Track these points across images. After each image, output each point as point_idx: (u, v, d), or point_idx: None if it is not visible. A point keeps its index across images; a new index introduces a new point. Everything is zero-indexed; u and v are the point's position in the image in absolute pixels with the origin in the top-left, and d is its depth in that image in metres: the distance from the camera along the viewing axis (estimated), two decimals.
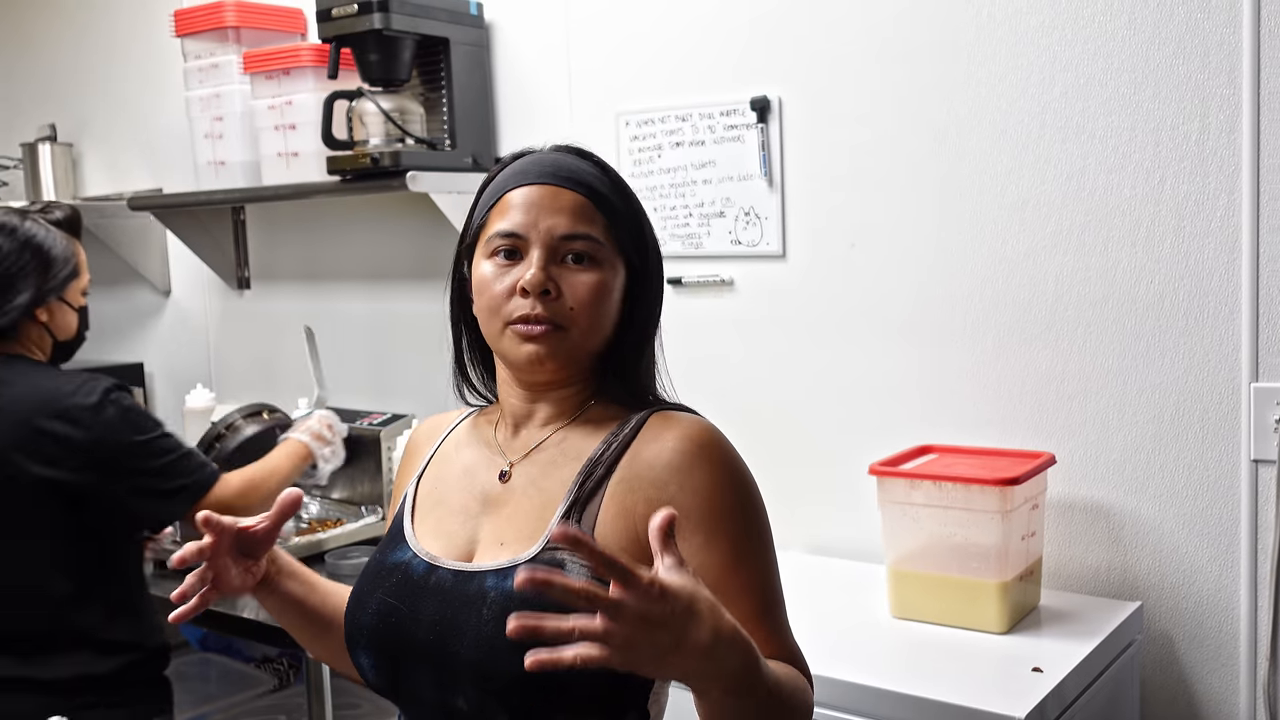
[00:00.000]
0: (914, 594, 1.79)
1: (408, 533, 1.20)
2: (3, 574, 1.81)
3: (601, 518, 1.10)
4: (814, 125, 2.13)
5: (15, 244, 1.89)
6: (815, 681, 1.57)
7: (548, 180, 1.15)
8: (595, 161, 1.20)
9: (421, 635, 1.11)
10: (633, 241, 1.19)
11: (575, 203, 1.15)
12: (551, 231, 1.13)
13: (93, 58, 3.42)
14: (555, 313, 1.13)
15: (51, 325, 1.93)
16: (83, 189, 3.49)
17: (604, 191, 1.17)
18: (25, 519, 1.79)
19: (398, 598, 1.14)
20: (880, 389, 2.10)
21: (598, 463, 1.13)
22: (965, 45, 1.95)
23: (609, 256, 1.16)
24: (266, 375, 3.12)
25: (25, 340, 1.91)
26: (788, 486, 2.18)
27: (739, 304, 2.25)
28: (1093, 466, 1.91)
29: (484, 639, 1.06)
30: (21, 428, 1.78)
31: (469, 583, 1.10)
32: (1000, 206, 1.95)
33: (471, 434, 1.27)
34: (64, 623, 1.81)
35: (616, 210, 1.17)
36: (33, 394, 1.81)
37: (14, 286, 1.87)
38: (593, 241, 1.14)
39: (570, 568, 1.06)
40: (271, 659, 2.84)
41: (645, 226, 1.22)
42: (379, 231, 2.81)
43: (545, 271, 1.12)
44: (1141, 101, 1.82)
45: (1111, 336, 1.88)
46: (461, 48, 2.45)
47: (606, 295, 1.15)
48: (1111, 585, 1.91)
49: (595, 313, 1.14)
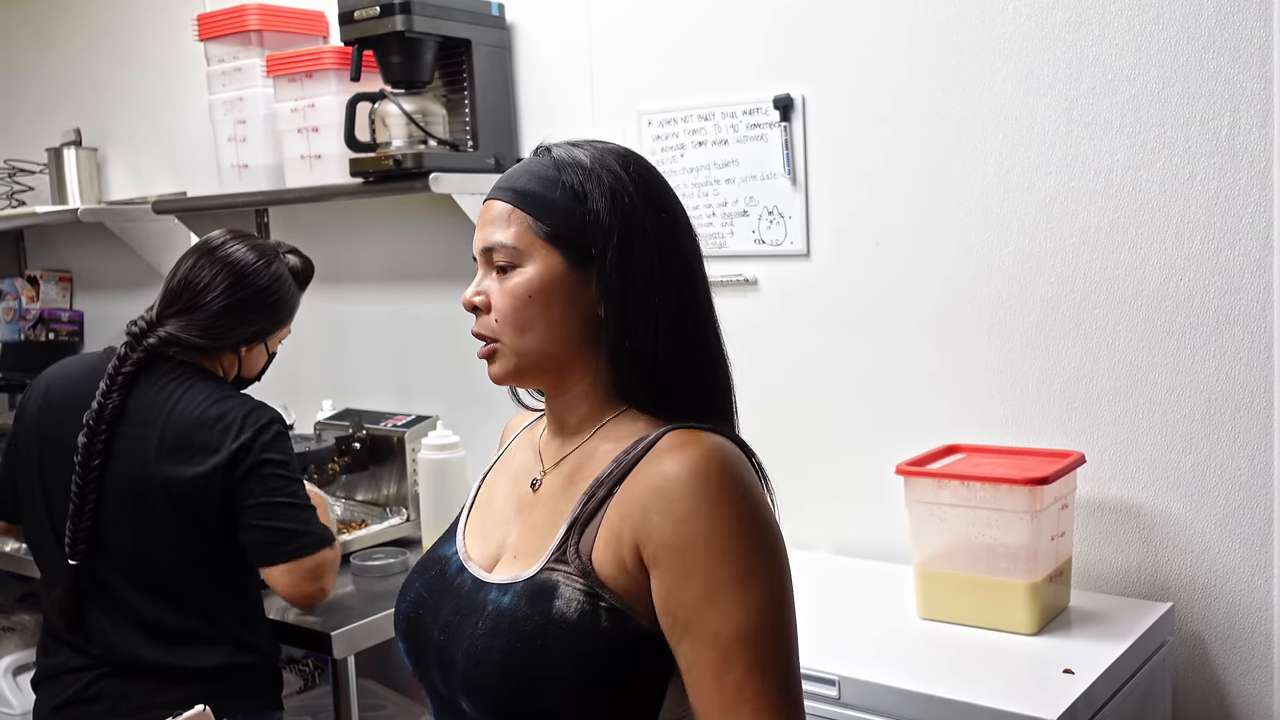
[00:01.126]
0: (942, 595, 1.77)
1: (460, 529, 1.22)
2: (159, 573, 1.83)
3: (599, 541, 1.05)
4: (838, 123, 2.12)
5: (272, 277, 1.93)
6: (843, 683, 1.58)
7: (489, 194, 1.15)
8: (554, 155, 1.14)
9: (435, 633, 1.12)
10: (574, 228, 1.09)
11: (497, 213, 1.13)
12: (479, 246, 1.14)
13: (117, 62, 3.43)
14: (485, 327, 1.13)
15: (245, 360, 1.97)
16: (107, 193, 3.51)
17: (528, 187, 1.11)
18: (186, 523, 1.81)
19: (429, 591, 1.16)
20: (906, 388, 2.09)
21: (602, 483, 1.08)
22: (990, 41, 1.94)
23: (535, 251, 1.10)
24: (291, 377, 3.13)
25: (216, 363, 1.93)
26: (813, 486, 2.17)
27: (763, 304, 2.24)
28: (1122, 466, 1.89)
29: (474, 651, 1.06)
30: (189, 438, 1.80)
31: (478, 592, 1.11)
32: (1027, 204, 1.93)
33: (528, 436, 1.26)
34: (212, 622, 1.84)
35: (541, 201, 1.10)
36: (209, 408, 1.82)
37: (253, 316, 1.92)
38: (507, 248, 1.10)
39: (562, 591, 1.04)
40: (297, 660, 2.85)
41: (609, 212, 1.09)
42: (402, 233, 2.82)
43: (476, 289, 1.13)
44: (1170, 97, 1.79)
45: (1141, 334, 1.86)
46: (483, 49, 2.45)
47: (529, 293, 1.09)
48: (1142, 586, 1.89)
49: (521, 316, 1.10)
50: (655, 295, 1.10)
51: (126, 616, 1.83)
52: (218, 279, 1.89)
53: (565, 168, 1.12)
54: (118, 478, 1.81)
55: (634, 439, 1.10)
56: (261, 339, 1.97)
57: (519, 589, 1.07)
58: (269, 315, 1.95)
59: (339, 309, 2.99)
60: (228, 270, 1.90)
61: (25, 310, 3.75)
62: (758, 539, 1.02)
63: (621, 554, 1.04)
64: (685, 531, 1.01)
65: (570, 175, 1.11)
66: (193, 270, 1.90)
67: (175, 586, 1.83)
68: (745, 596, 1.00)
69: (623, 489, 1.06)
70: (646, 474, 1.05)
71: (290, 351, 3.10)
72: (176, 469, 1.79)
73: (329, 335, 3.02)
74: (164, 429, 1.81)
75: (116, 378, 1.83)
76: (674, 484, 1.02)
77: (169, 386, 1.85)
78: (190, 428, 1.81)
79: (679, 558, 1.01)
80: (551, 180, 1.11)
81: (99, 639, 1.84)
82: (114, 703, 1.82)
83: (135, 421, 1.82)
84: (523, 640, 1.03)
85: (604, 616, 1.02)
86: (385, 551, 2.33)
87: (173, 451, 1.80)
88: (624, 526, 1.04)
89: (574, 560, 1.05)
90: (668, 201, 1.15)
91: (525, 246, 1.10)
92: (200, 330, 1.88)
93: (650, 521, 1.02)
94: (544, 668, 1.02)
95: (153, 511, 1.80)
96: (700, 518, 1.01)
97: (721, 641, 0.99)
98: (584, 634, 1.02)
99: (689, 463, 1.03)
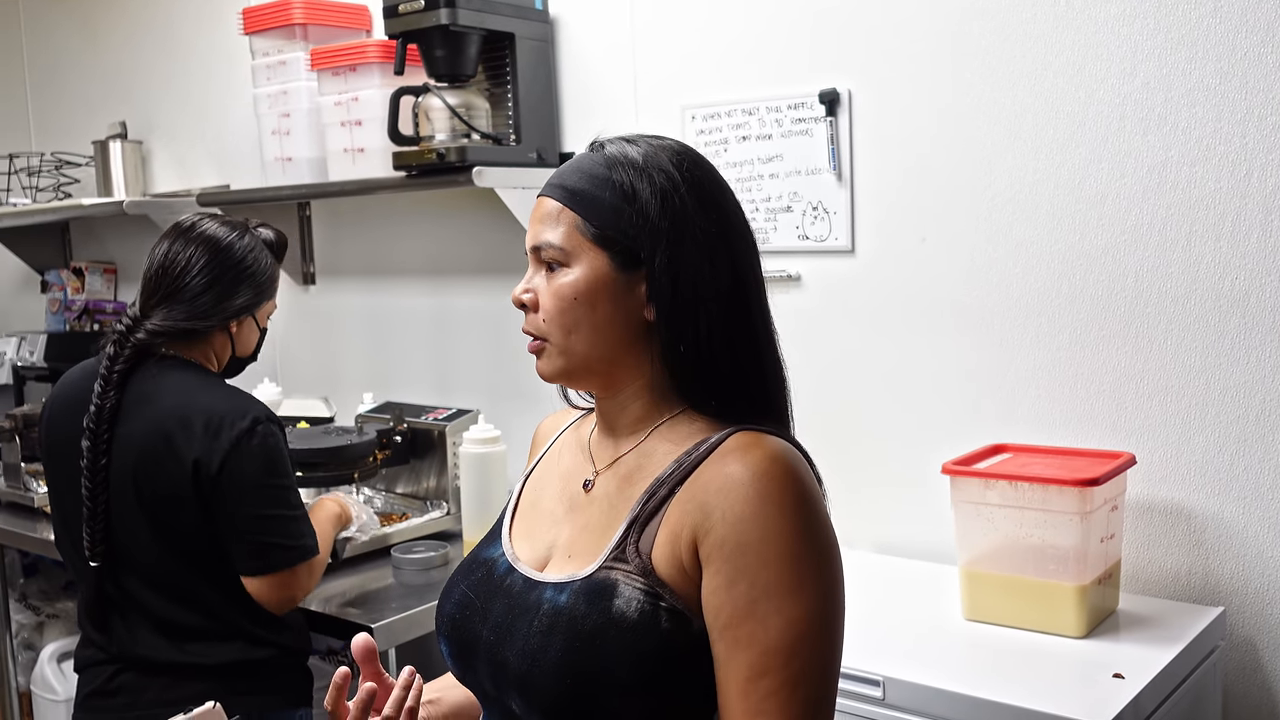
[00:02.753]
0: (988, 596, 1.75)
1: (504, 531, 1.21)
2: (164, 571, 1.83)
3: (659, 539, 1.04)
4: (884, 117, 2.09)
5: (247, 249, 1.91)
6: (888, 684, 1.57)
7: (541, 191, 1.14)
8: (606, 152, 1.12)
9: (485, 634, 1.11)
10: (623, 227, 1.07)
11: (547, 210, 1.11)
12: (529, 244, 1.13)
13: (162, 56, 3.46)
14: (533, 325, 1.12)
15: (237, 339, 1.95)
16: (152, 185, 3.54)
17: (579, 186, 1.10)
18: (171, 523, 1.81)
19: (476, 592, 1.15)
20: (952, 386, 2.06)
21: (663, 482, 1.07)
22: (1041, 35, 1.91)
23: (582, 252, 1.08)
24: (331, 370, 3.15)
25: (208, 348, 1.91)
26: (856, 484, 2.15)
27: (806, 300, 2.22)
28: (1174, 467, 1.86)
29: (529, 651, 1.05)
30: (170, 438, 1.78)
31: (531, 591, 1.10)
32: (1078, 200, 1.90)
33: (574, 436, 1.24)
34: (219, 619, 1.84)
35: (591, 200, 1.09)
36: (188, 406, 1.80)
37: (237, 288, 1.89)
38: (555, 248, 1.09)
39: (622, 589, 1.03)
40: (336, 651, 2.86)
41: (646, 206, 1.07)
42: (444, 227, 2.82)
43: (526, 286, 1.13)
44: (1227, 92, 1.76)
45: (1194, 333, 1.82)
46: (527, 42, 2.45)
47: (575, 294, 1.08)
48: (1193, 590, 1.86)
49: (568, 316, 1.09)
50: (705, 299, 1.08)
51: (140, 614, 1.84)
52: (195, 257, 1.87)
53: (616, 166, 1.10)
54: (119, 477, 1.81)
55: (695, 440, 1.09)
56: (249, 312, 1.93)
57: (576, 588, 1.06)
58: (252, 286, 1.91)
59: (381, 302, 3.00)
60: (203, 246, 1.88)
61: (70, 301, 3.79)
62: (814, 550, 1.01)
63: (680, 553, 1.03)
64: (742, 532, 0.99)
65: (621, 174, 1.09)
66: (169, 254, 1.88)
67: (180, 584, 1.83)
68: (792, 607, 0.98)
69: (684, 488, 1.05)
70: (710, 474, 1.03)
71: (331, 344, 3.13)
72: (157, 471, 1.78)
73: (371, 328, 3.03)
74: (147, 430, 1.80)
75: (110, 377, 1.82)
76: (738, 485, 1.01)
77: (151, 384, 1.83)
78: (169, 429, 1.78)
79: (731, 558, 0.99)
80: (602, 179, 1.10)
81: (117, 637, 1.85)
82: (133, 697, 1.84)
83: (126, 420, 1.82)
84: (581, 639, 1.02)
85: (664, 617, 1.01)
86: (425, 545, 2.34)
87: (152, 453, 1.79)
88: (684, 525, 1.03)
89: (634, 559, 1.04)
90: (721, 201, 1.13)
91: (573, 247, 1.09)
92: (186, 313, 1.85)
93: (710, 520, 1.01)
94: (602, 666, 1.01)
95: (145, 510, 1.80)
96: (759, 520, 0.99)
97: (759, 648, 0.98)
98: (644, 633, 1.01)
99: (754, 464, 1.01)
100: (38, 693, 2.96)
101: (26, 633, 3.22)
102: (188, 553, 1.82)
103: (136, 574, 1.84)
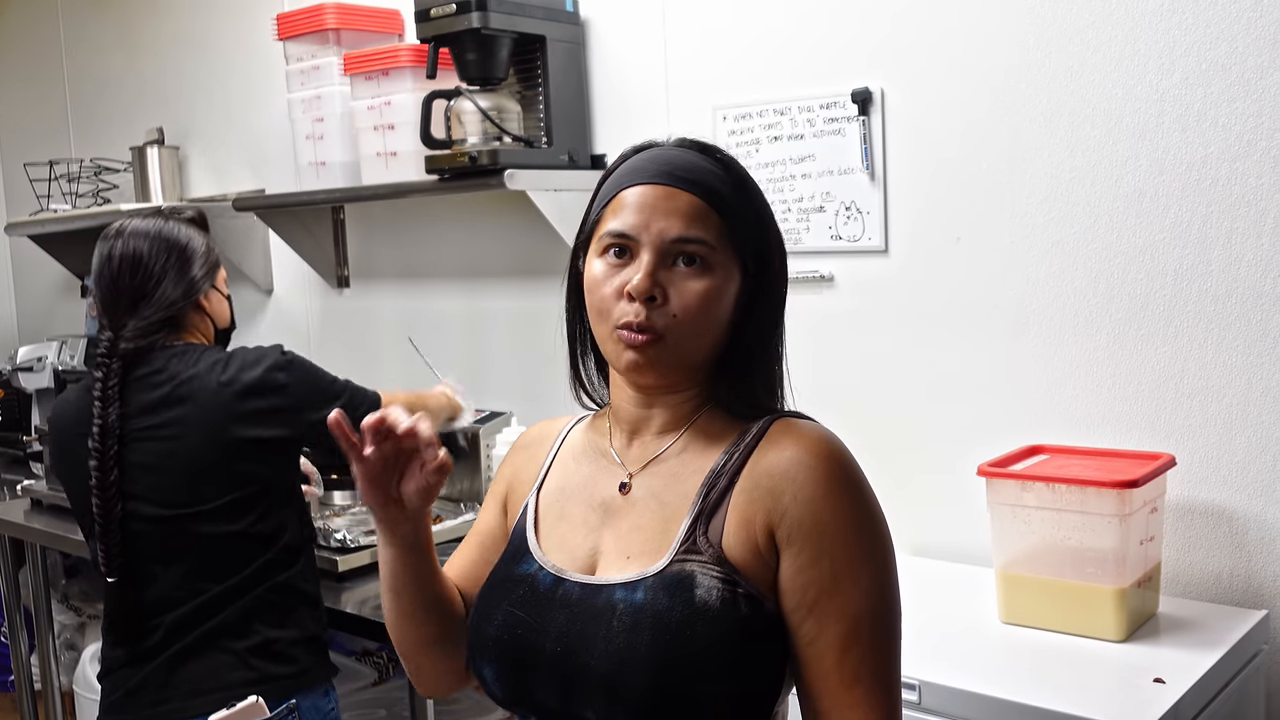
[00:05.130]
0: (1025, 599, 1.73)
1: (532, 545, 1.18)
2: (182, 581, 1.87)
3: (727, 529, 1.07)
4: (917, 116, 2.08)
5: (178, 228, 1.99)
6: (924, 688, 1.55)
7: (663, 180, 1.11)
8: (719, 157, 1.15)
9: (549, 647, 1.09)
10: (752, 244, 1.13)
11: (690, 204, 1.10)
12: (663, 234, 1.09)
13: (198, 63, 3.50)
14: (661, 317, 1.09)
15: (211, 312, 2.02)
16: (189, 190, 3.58)
17: (723, 191, 1.11)
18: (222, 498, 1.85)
19: (524, 610, 1.13)
20: (987, 387, 2.04)
21: (720, 473, 1.10)
22: (1078, 30, 1.89)
23: (723, 261, 1.10)
24: (366, 372, 3.15)
25: (193, 329, 1.99)
26: (891, 486, 2.12)
27: (839, 300, 2.21)
28: (1214, 468, 1.83)
29: (613, 651, 1.05)
30: (231, 398, 1.86)
31: (597, 595, 1.09)
32: (1115, 198, 1.88)
33: (587, 443, 1.23)
34: (254, 598, 1.88)
35: (735, 211, 1.12)
36: (222, 366, 1.89)
37: (190, 264, 1.96)
38: (705, 245, 1.09)
39: (700, 579, 1.04)
40: (371, 652, 2.88)
41: (769, 227, 1.15)
42: (476, 230, 2.83)
43: (653, 277, 1.08)
44: (1269, 87, 1.73)
45: (1235, 332, 1.79)
46: (558, 45, 2.45)
47: (716, 302, 1.10)
48: (1235, 593, 1.83)
49: (702, 320, 1.09)
50: (780, 304, 1.17)
51: (161, 621, 1.87)
52: (142, 253, 1.93)
53: (745, 183, 1.15)
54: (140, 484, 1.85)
55: (735, 432, 1.13)
56: (209, 281, 2.00)
57: (650, 583, 1.06)
58: (201, 257, 1.99)
59: (414, 305, 3.01)
60: (138, 240, 1.94)
61: None
62: (877, 520, 1.08)
63: (755, 538, 1.06)
64: (817, 511, 1.05)
65: (754, 193, 1.15)
66: (116, 262, 1.93)
67: (198, 588, 1.86)
68: (872, 574, 1.06)
69: (744, 476, 1.09)
70: (769, 460, 1.08)
71: (365, 347, 3.14)
72: (239, 429, 1.85)
73: (404, 331, 3.04)
74: (201, 398, 1.85)
75: (107, 392, 1.86)
76: (802, 467, 1.06)
77: (173, 367, 1.88)
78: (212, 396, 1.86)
79: (812, 537, 1.05)
80: (741, 187, 1.14)
81: (140, 643, 1.88)
82: (158, 694, 1.87)
83: (140, 422, 1.85)
84: (670, 632, 1.03)
85: (743, 603, 1.04)
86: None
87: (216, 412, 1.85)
88: (755, 510, 1.07)
89: (706, 549, 1.06)
90: None
91: (720, 249, 1.11)
92: (157, 305, 1.92)
93: (782, 503, 1.06)
94: (693, 656, 1.02)
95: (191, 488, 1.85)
96: (830, 499, 1.06)
97: (848, 619, 1.04)
98: (727, 620, 1.03)
99: (811, 446, 1.08)
100: (80, 692, 3.00)
101: (69, 633, 3.26)
102: (207, 558, 1.85)
103: (154, 586, 1.86)
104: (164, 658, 1.87)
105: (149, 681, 1.88)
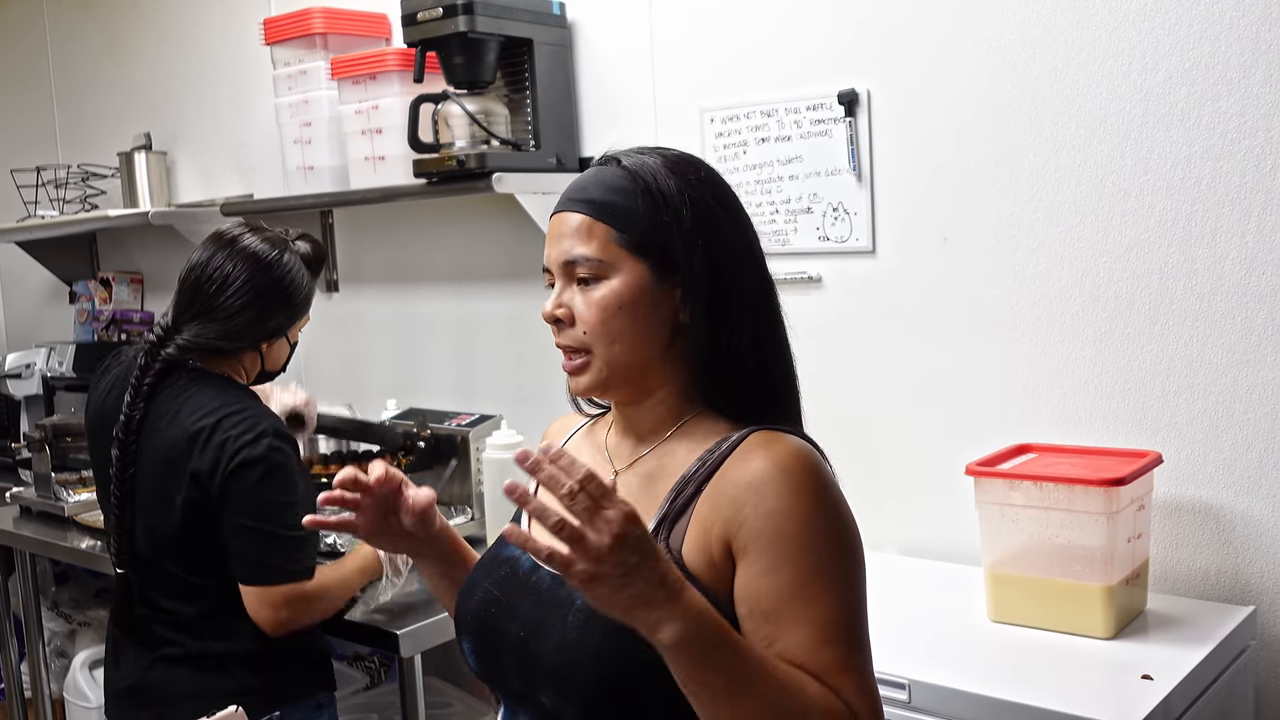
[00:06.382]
0: (1014, 597, 1.74)
1: (524, 528, 1.21)
2: (184, 577, 1.86)
3: (688, 535, 1.09)
4: (904, 117, 2.09)
5: (286, 269, 1.88)
6: (913, 686, 1.56)
7: (562, 207, 1.15)
8: (623, 165, 1.14)
9: (514, 630, 1.14)
10: (659, 240, 1.11)
11: (576, 224, 1.13)
12: (559, 260, 1.14)
13: (185, 68, 3.49)
14: (573, 339, 1.13)
15: (267, 355, 1.94)
16: (176, 195, 3.57)
17: (612, 199, 1.12)
18: (180, 522, 1.82)
19: (501, 590, 1.18)
20: (975, 386, 2.05)
21: (689, 480, 1.11)
22: (1062, 30, 1.90)
23: (621, 263, 1.11)
24: (355, 377, 3.16)
25: (238, 364, 1.91)
26: (880, 487, 2.14)
27: (827, 301, 2.22)
28: (1201, 466, 1.84)
29: (566, 644, 1.08)
30: (186, 445, 1.79)
31: (561, 587, 1.11)
32: (1100, 197, 1.89)
33: (588, 439, 1.28)
34: (234, 613, 1.84)
35: (628, 213, 1.11)
36: (204, 418, 1.80)
37: (272, 310, 1.88)
38: (592, 260, 1.11)
39: None
40: (363, 657, 2.88)
41: (691, 219, 1.12)
42: (465, 233, 2.83)
43: (557, 301, 1.14)
44: (1251, 86, 1.74)
45: (1220, 330, 1.80)
46: (545, 48, 2.45)
47: (619, 307, 1.11)
48: (1222, 589, 1.84)
49: (612, 326, 1.11)
50: (738, 299, 1.13)
51: (164, 615, 1.87)
52: (234, 274, 1.84)
53: (639, 176, 1.13)
54: (144, 485, 1.84)
55: (715, 439, 1.13)
56: (281, 334, 1.93)
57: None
58: (286, 309, 1.90)
59: (403, 309, 3.01)
60: (243, 264, 1.85)
61: (98, 311, 3.83)
62: (844, 534, 1.07)
63: (710, 547, 1.07)
64: (777, 524, 1.04)
65: (647, 183, 1.12)
66: (208, 266, 1.86)
67: (199, 588, 1.85)
68: (838, 583, 1.05)
69: (711, 485, 1.09)
70: (736, 471, 1.08)
71: (355, 351, 3.14)
72: (174, 481, 1.80)
73: (394, 334, 3.04)
74: (163, 442, 1.81)
75: (140, 389, 1.84)
76: (765, 479, 1.06)
77: (179, 399, 1.83)
78: (183, 443, 1.79)
79: (769, 547, 1.04)
80: (629, 190, 1.13)
81: (142, 637, 1.90)
82: (157, 691, 1.87)
83: (151, 433, 1.83)
84: (621, 631, 1.02)
85: None
86: None
87: (171, 464, 1.80)
88: (714, 520, 1.07)
89: (666, 554, 1.06)
90: (736, 205, 1.18)
91: (610, 258, 1.11)
92: (219, 331, 1.85)
93: (741, 514, 1.06)
94: (639, 657, 1.02)
95: (168, 517, 1.82)
96: (792, 511, 1.05)
97: (817, 623, 1.03)
98: None
99: (779, 459, 1.07)
100: (70, 699, 2.99)
101: (59, 640, 3.25)
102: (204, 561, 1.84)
103: (160, 579, 1.86)
104: (151, 659, 1.88)
105: (138, 679, 1.89)
